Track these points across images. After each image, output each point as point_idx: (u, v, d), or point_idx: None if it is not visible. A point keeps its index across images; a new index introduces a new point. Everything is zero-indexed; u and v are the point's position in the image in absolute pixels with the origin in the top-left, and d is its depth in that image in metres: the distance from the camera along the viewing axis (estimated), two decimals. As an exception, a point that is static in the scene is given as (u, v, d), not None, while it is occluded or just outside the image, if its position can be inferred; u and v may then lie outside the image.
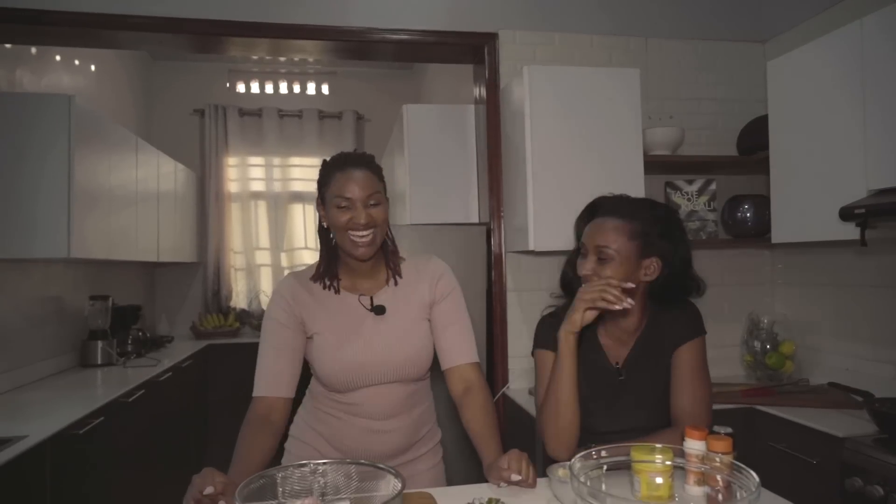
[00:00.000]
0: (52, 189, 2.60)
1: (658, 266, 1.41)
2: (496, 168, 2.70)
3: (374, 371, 1.41)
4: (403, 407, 1.46)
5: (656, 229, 1.40)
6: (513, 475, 1.23)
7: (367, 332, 1.43)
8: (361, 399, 1.42)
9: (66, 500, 2.13)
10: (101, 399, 2.48)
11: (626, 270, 1.37)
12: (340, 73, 5.37)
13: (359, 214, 1.35)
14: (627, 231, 1.38)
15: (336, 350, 1.40)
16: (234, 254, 5.16)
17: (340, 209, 1.36)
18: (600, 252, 1.38)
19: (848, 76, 1.99)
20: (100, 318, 3.39)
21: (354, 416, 1.44)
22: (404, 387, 1.46)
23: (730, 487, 1.07)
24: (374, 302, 1.46)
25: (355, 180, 1.36)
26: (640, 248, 1.38)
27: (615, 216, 1.40)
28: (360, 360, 1.40)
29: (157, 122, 5.05)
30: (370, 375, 1.41)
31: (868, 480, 1.69)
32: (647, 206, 1.45)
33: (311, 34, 2.60)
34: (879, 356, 2.30)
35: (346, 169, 1.38)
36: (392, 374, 1.43)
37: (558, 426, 1.36)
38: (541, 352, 1.50)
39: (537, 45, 2.74)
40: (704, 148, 2.83)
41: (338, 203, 1.36)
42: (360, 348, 1.41)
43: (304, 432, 1.51)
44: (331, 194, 1.38)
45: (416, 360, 1.45)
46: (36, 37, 2.66)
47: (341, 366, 1.40)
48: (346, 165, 1.38)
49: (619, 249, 1.37)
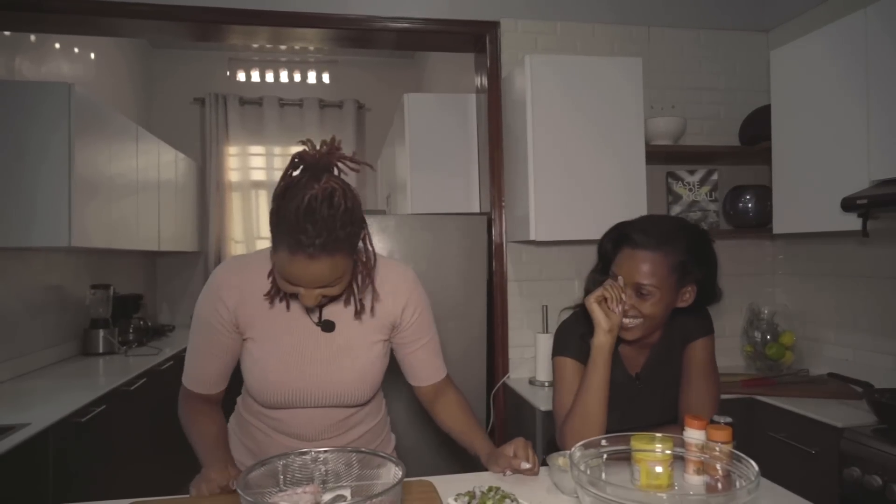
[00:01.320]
0: (52, 177, 2.59)
1: (694, 292, 1.37)
2: (497, 157, 2.69)
3: (309, 395, 1.26)
4: (338, 429, 1.33)
5: (693, 258, 1.34)
6: (522, 463, 1.23)
7: (308, 349, 1.26)
8: (289, 418, 1.29)
9: (68, 487, 2.14)
10: (102, 387, 2.49)
11: (668, 302, 1.34)
12: (341, 62, 5.34)
13: (306, 298, 1.13)
14: (666, 265, 1.31)
15: (269, 364, 1.24)
16: (234, 243, 5.16)
17: (286, 282, 1.12)
18: (640, 288, 1.32)
19: (851, 66, 1.98)
20: (101, 306, 3.40)
21: (280, 434, 1.32)
22: (342, 411, 1.32)
23: (729, 477, 1.07)
24: (324, 315, 1.27)
25: (306, 272, 1.08)
26: (678, 279, 1.33)
27: (649, 249, 1.32)
28: (295, 384, 1.25)
29: (157, 111, 5.03)
30: (303, 399, 1.26)
31: (866, 470, 1.70)
32: (678, 230, 1.37)
33: (311, 22, 2.58)
34: (880, 347, 2.30)
35: (296, 255, 1.06)
36: (329, 399, 1.28)
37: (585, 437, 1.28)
38: (561, 359, 1.45)
39: (539, 34, 2.72)
40: (706, 138, 2.82)
41: (284, 276, 1.11)
42: (296, 368, 1.24)
43: (231, 442, 1.38)
44: (277, 263, 1.11)
45: (359, 389, 1.29)
46: (35, 24, 2.65)
47: (271, 384, 1.24)
48: (297, 250, 1.05)
49: (658, 285, 1.31)
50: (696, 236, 1.37)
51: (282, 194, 1.07)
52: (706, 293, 1.40)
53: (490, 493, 1.08)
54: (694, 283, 1.36)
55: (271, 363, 1.25)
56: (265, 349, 1.26)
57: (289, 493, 1.05)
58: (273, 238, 1.10)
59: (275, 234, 1.09)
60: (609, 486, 0.94)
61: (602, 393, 1.33)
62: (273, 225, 1.09)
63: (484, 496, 1.08)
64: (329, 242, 1.05)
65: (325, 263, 1.07)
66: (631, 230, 1.37)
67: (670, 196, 2.73)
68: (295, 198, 1.04)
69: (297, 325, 1.27)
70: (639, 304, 1.33)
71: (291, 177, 1.10)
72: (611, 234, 1.43)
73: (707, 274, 1.37)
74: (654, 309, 1.33)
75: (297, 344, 1.26)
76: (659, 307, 1.33)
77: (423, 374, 1.40)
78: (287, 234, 1.05)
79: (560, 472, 1.18)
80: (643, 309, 1.33)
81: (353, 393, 1.29)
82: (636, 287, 1.33)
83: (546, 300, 2.63)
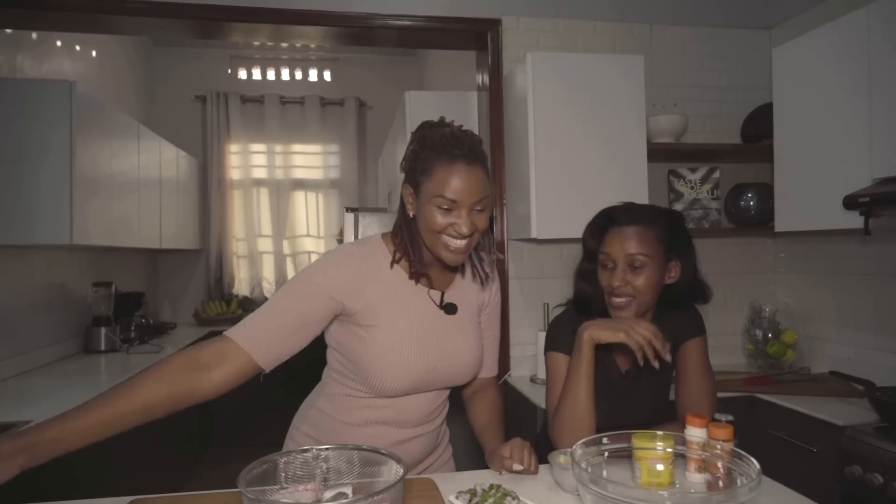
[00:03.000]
0: (53, 175, 2.59)
1: (679, 269, 1.40)
2: (499, 155, 2.69)
3: (436, 377, 1.28)
4: (434, 414, 1.35)
5: (673, 233, 1.39)
6: (514, 465, 1.23)
7: (437, 332, 1.27)
8: (403, 404, 1.28)
9: (68, 485, 2.15)
10: (104, 385, 2.50)
11: (658, 276, 1.37)
12: (342, 60, 5.34)
13: (463, 222, 1.15)
14: (653, 237, 1.36)
15: (404, 348, 1.23)
16: (236, 241, 5.17)
17: (441, 210, 1.16)
18: (632, 260, 1.35)
19: (853, 64, 1.97)
20: (103, 304, 3.40)
21: (381, 425, 1.29)
22: (441, 394, 1.35)
23: (730, 474, 1.07)
24: (445, 299, 1.31)
25: (466, 181, 1.14)
26: (665, 252, 1.38)
27: (636, 223, 1.38)
28: (430, 365, 1.25)
29: (158, 109, 5.03)
30: (431, 381, 1.28)
31: (868, 468, 1.70)
32: (658, 211, 1.43)
33: (313, 20, 2.58)
34: (881, 345, 2.30)
35: (455, 163, 1.14)
36: (449, 380, 1.31)
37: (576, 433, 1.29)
38: (554, 354, 1.46)
39: (541, 32, 2.72)
40: (708, 135, 2.82)
41: (439, 203, 1.15)
42: (430, 351, 1.25)
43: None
44: (430, 189, 1.16)
45: (473, 368, 1.34)
46: (36, 22, 2.65)
47: (407, 369, 1.23)
48: (456, 158, 1.14)
49: (650, 255, 1.35)
50: (672, 216, 1.45)
51: (420, 139, 1.21)
52: (688, 280, 1.42)
53: (491, 491, 1.08)
54: (677, 259, 1.40)
55: (406, 347, 1.23)
56: (395, 334, 1.23)
57: (290, 490, 1.05)
58: (416, 175, 1.18)
59: (422, 169, 1.17)
60: (610, 484, 0.94)
61: (587, 383, 1.33)
62: (413, 160, 1.20)
63: (485, 494, 1.08)
64: (479, 153, 1.18)
65: (480, 173, 1.16)
66: (614, 212, 1.43)
67: (672, 194, 2.73)
68: (436, 132, 1.19)
69: (420, 303, 1.28)
70: (632, 278, 1.36)
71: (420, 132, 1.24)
72: (596, 220, 1.48)
73: (688, 253, 1.42)
74: (647, 283, 1.35)
75: (425, 324, 1.27)
76: (650, 282, 1.36)
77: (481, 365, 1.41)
78: (438, 153, 1.16)
79: (561, 470, 1.18)
80: (636, 283, 1.35)
81: (468, 373, 1.33)
82: (629, 260, 1.36)
83: (547, 298, 2.62)
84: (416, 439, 1.33)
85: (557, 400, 1.39)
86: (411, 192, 1.22)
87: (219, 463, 4.17)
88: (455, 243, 1.18)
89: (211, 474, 3.94)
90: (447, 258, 1.20)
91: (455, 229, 1.16)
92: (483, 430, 1.39)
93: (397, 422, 1.30)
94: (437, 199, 1.15)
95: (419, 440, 1.34)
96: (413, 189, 1.21)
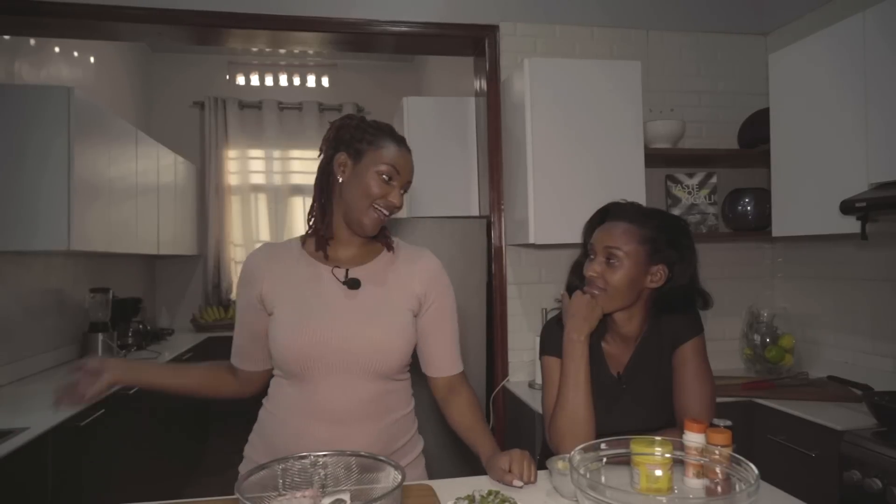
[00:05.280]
0: (52, 181, 2.59)
1: (664, 274, 1.39)
2: (496, 161, 2.69)
3: (335, 353, 1.25)
4: (371, 409, 1.29)
5: (664, 236, 1.38)
6: (515, 481, 1.21)
7: (333, 306, 1.29)
8: (323, 391, 1.26)
9: (67, 492, 2.14)
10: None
11: (634, 275, 1.36)
12: (340, 66, 5.35)
13: (397, 195, 1.31)
14: (637, 235, 1.37)
15: (295, 324, 1.26)
16: (234, 247, 5.16)
17: (381, 180, 1.28)
18: (609, 254, 1.36)
19: (850, 69, 1.98)
20: (100, 310, 3.39)
21: (313, 414, 1.27)
22: (372, 384, 1.29)
23: (729, 480, 1.07)
24: (350, 275, 1.33)
25: (407, 161, 1.33)
26: (648, 253, 1.37)
27: (626, 220, 1.39)
28: (320, 337, 1.25)
29: (156, 115, 5.04)
30: (330, 357, 1.25)
31: (866, 473, 1.69)
32: (657, 214, 1.44)
33: (311, 26, 2.59)
34: (879, 350, 2.30)
35: (401, 145, 1.33)
36: (356, 362, 1.26)
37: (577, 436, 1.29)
38: (548, 358, 1.45)
39: (538, 38, 2.73)
40: (705, 141, 2.83)
41: (383, 171, 1.28)
42: (321, 323, 1.26)
43: (254, 444, 1.38)
44: (377, 158, 1.29)
45: (385, 348, 1.28)
46: (34, 28, 2.65)
47: (299, 342, 1.25)
48: (401, 142, 1.33)
49: (628, 252, 1.35)
50: (670, 221, 1.44)
51: (360, 120, 1.34)
52: (683, 286, 1.40)
53: (489, 498, 1.08)
54: (664, 263, 1.38)
55: (300, 317, 1.28)
56: (290, 311, 1.30)
57: (288, 496, 1.04)
58: (361, 144, 1.30)
59: (369, 141, 1.30)
60: (609, 490, 0.94)
61: (583, 385, 1.33)
62: (357, 132, 1.31)
63: (483, 500, 1.08)
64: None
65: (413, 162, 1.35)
66: (612, 207, 1.47)
67: (669, 199, 2.73)
68: (358, 119, 1.35)
69: (320, 281, 1.32)
70: (606, 272, 1.37)
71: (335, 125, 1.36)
72: (595, 213, 1.50)
73: (679, 261, 1.39)
74: (620, 280, 1.36)
75: (321, 300, 1.30)
76: (625, 280, 1.36)
77: (440, 364, 1.41)
78: (384, 132, 1.32)
79: (560, 476, 1.18)
80: (609, 278, 1.36)
81: (382, 354, 1.28)
82: (606, 252, 1.37)
83: (545, 303, 2.62)
84: (357, 438, 1.26)
85: (553, 404, 1.39)
86: (347, 160, 1.31)
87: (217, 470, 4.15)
88: (381, 214, 1.30)
89: (209, 481, 3.92)
90: (367, 225, 1.30)
91: (390, 198, 1.30)
92: (467, 432, 1.36)
93: (324, 409, 1.26)
94: (383, 167, 1.28)
95: (360, 439, 1.26)
96: (351, 158, 1.31)
